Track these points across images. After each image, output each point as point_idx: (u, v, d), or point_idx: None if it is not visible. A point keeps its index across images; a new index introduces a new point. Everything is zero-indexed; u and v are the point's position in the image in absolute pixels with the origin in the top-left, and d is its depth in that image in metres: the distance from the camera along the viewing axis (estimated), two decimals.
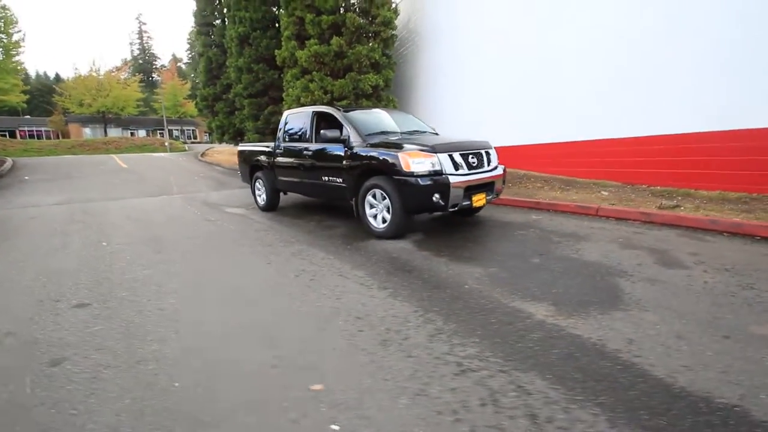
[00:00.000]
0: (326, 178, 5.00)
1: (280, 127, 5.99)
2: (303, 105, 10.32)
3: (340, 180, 4.80)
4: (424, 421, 1.50)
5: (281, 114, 13.00)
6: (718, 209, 4.45)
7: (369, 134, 4.66)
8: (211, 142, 45.68)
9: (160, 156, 23.16)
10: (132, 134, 41.12)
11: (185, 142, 38.40)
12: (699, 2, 5.09)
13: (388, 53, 10.61)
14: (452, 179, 4.01)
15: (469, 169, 4.27)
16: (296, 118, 5.74)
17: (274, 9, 12.60)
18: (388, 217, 4.25)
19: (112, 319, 2.50)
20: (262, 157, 6.30)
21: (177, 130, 42.88)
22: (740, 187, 4.77)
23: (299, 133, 5.58)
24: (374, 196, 4.37)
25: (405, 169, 3.98)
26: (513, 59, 7.96)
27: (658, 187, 5.68)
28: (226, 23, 12.76)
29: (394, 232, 4.22)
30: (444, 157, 4.10)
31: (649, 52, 5.64)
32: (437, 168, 4.02)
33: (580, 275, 2.97)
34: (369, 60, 10.06)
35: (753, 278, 2.73)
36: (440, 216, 5.28)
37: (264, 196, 6.39)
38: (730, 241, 3.58)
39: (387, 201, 4.21)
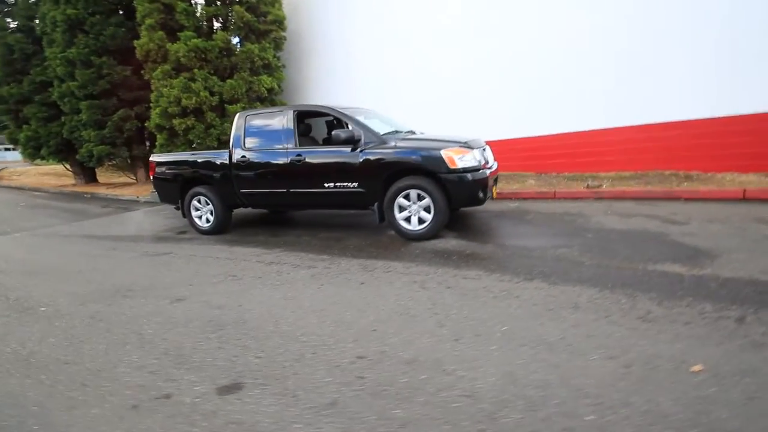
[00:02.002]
0: (331, 184, 4.44)
1: (235, 132, 4.94)
2: (185, 108, 8.63)
3: (355, 185, 4.34)
4: None
5: (138, 119, 10.48)
6: (626, 184, 5.96)
7: (385, 134, 4.39)
8: None
9: None
10: None
11: None
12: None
13: (278, 55, 9.87)
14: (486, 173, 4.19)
15: (489, 164, 4.53)
16: (264, 120, 4.86)
17: None
18: (427, 216, 4.11)
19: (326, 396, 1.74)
20: (206, 170, 5.07)
21: None
22: (630, 167, 6.49)
23: (274, 137, 4.75)
24: (406, 197, 4.16)
25: (450, 166, 3.94)
26: (413, 64, 8.56)
27: (566, 173, 7.16)
28: (39, 1, 9.32)
29: (435, 232, 4.12)
30: (477, 153, 4.24)
31: (562, 63, 7.03)
32: (475, 164, 4.12)
33: (641, 240, 3.54)
34: (262, 60, 9.15)
35: (744, 225, 3.78)
36: None
37: (209, 216, 5.17)
38: (672, 204, 4.88)
39: (426, 201, 4.06)
